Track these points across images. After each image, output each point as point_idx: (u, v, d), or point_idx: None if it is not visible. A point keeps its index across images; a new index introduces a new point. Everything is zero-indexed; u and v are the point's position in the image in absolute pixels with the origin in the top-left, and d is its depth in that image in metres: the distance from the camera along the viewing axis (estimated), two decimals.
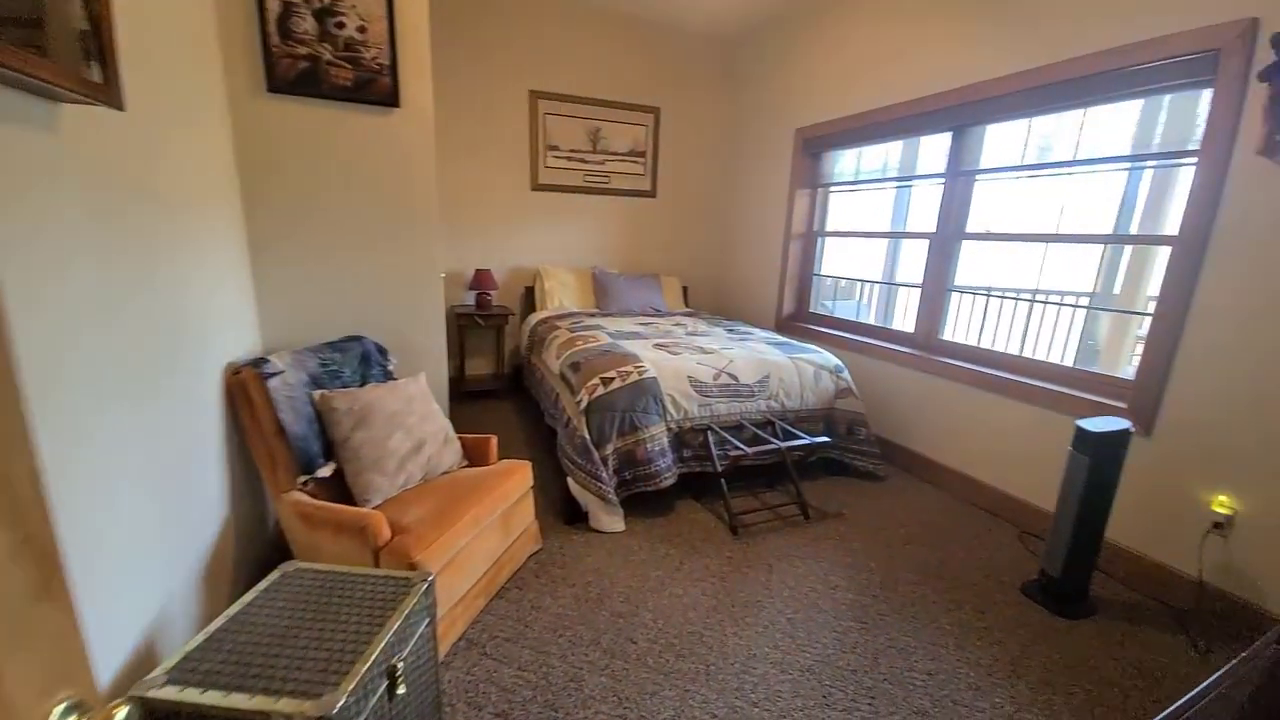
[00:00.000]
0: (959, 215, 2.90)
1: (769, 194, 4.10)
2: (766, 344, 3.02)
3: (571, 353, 2.79)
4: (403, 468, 1.84)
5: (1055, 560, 1.94)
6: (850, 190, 3.69)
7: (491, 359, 4.24)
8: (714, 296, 4.86)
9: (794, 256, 3.93)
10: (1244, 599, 1.82)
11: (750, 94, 4.27)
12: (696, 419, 2.53)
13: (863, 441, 2.85)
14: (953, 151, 2.88)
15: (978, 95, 2.61)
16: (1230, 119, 1.80)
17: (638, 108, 4.25)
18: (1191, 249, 1.92)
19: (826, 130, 3.52)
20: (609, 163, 4.28)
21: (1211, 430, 1.89)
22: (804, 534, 2.36)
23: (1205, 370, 1.90)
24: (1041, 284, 3.14)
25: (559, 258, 4.29)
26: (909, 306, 4.40)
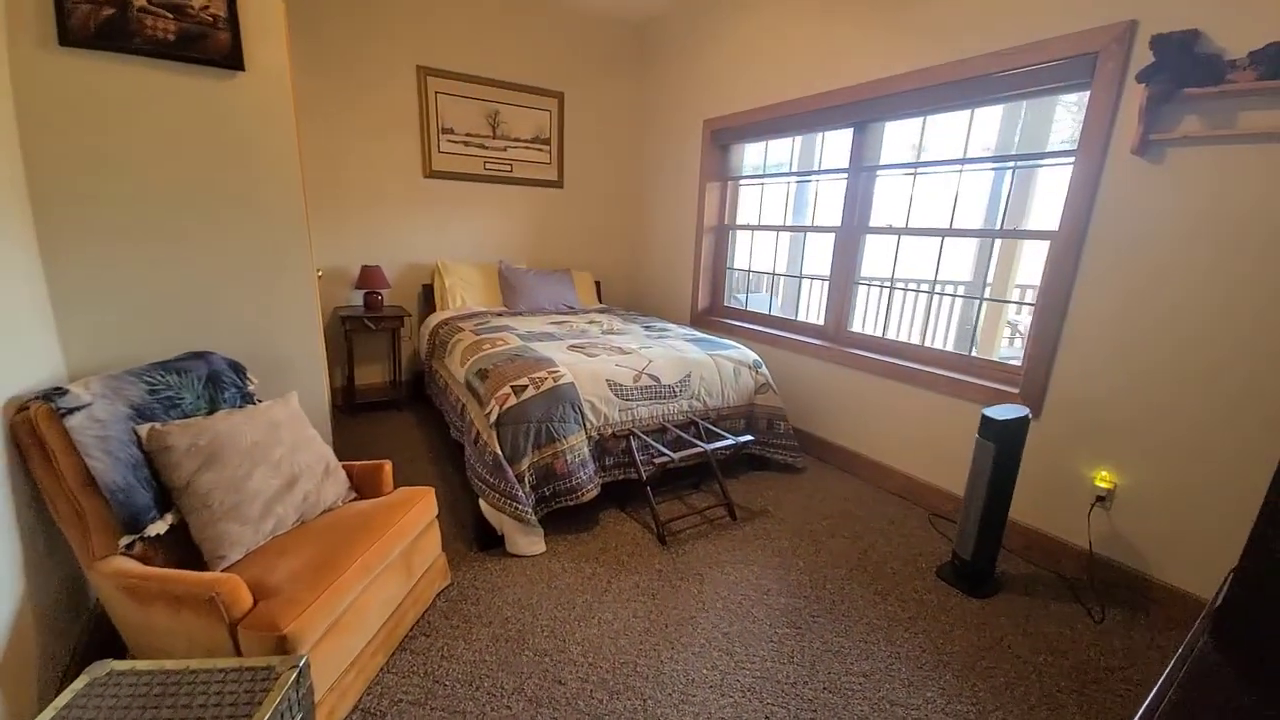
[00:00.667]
0: (862, 209, 2.97)
1: (680, 186, 4.02)
2: (686, 341, 2.93)
3: (478, 358, 2.52)
4: (270, 511, 1.52)
5: (966, 543, 2.01)
6: (758, 183, 3.70)
7: (386, 366, 3.82)
8: (628, 292, 4.73)
9: (707, 250, 3.89)
10: (1129, 566, 1.99)
11: (658, 82, 4.16)
12: (618, 425, 2.38)
13: (782, 435, 2.86)
14: (854, 147, 2.94)
15: (876, 93, 2.67)
16: (1106, 120, 1.92)
17: (540, 91, 3.99)
18: (1070, 243, 2.05)
19: (734, 122, 3.49)
20: (511, 149, 3.98)
21: (1092, 411, 2.04)
22: (732, 536, 2.30)
23: (1085, 356, 2.05)
24: (936, 276, 3.32)
25: (460, 252, 3.94)
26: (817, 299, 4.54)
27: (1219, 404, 1.75)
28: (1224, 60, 1.58)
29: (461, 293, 3.69)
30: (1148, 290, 1.88)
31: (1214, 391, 1.76)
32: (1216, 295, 1.73)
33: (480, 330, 2.98)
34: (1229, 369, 1.72)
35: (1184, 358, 1.81)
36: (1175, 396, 1.84)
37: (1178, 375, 1.83)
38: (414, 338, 3.84)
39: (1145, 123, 1.77)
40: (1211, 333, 1.75)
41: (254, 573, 1.36)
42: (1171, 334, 1.83)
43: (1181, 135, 1.73)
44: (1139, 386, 1.92)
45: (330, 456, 1.77)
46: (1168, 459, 1.88)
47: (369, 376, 3.78)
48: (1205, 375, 1.77)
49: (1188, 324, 1.80)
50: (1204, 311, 1.76)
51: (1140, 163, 1.85)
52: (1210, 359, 1.76)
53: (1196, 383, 1.79)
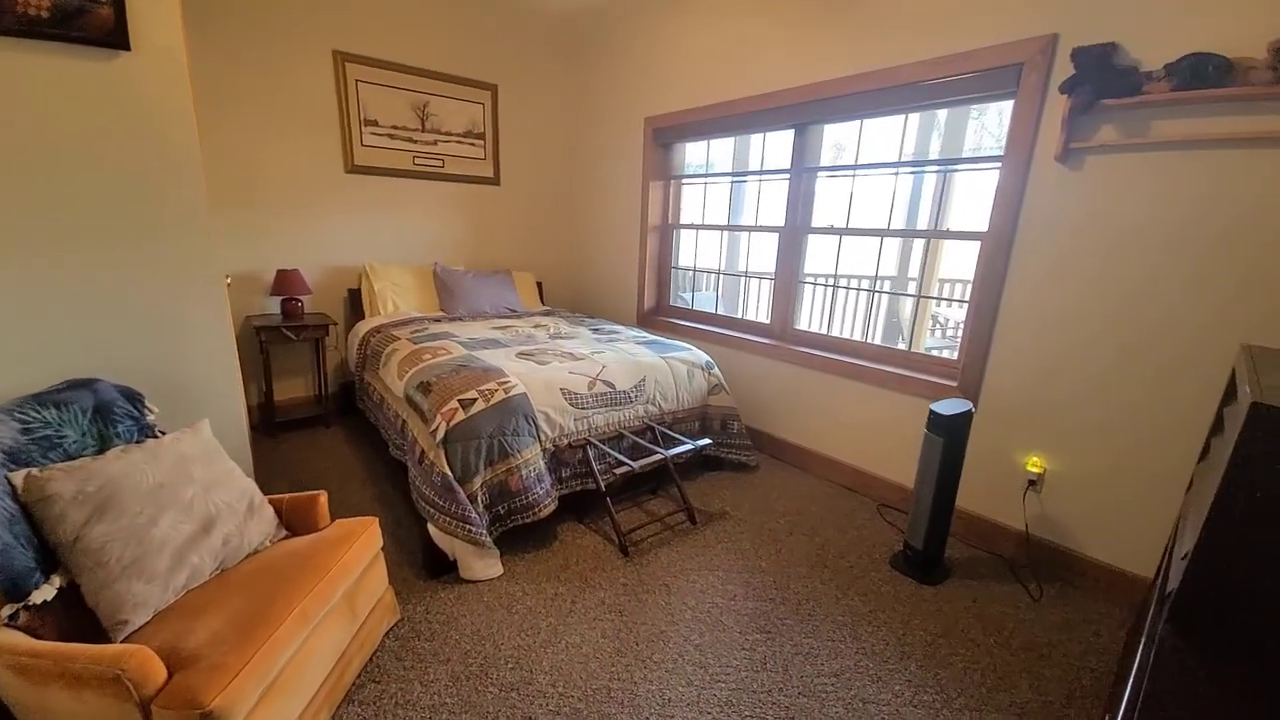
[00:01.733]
0: (805, 209, 3.03)
1: (623, 184, 3.95)
2: (637, 344, 2.87)
3: (418, 370, 2.34)
4: (182, 562, 1.31)
5: (917, 533, 2.09)
6: (701, 183, 3.69)
7: (310, 379, 3.50)
8: (572, 293, 4.61)
9: (652, 249, 3.85)
10: (1060, 544, 2.13)
11: (598, 78, 4.06)
12: (574, 435, 2.29)
13: (736, 435, 2.87)
14: (796, 148, 2.98)
15: (816, 95, 2.71)
16: (1031, 127, 2.04)
17: (472, 84, 3.78)
18: (1000, 244, 2.17)
19: (676, 121, 3.45)
20: (443, 144, 3.75)
21: (1023, 401, 2.17)
22: (695, 541, 2.27)
23: (1015, 351, 2.18)
24: (877, 273, 3.45)
25: (390, 254, 3.67)
26: (757, 297, 4.62)
27: (1134, 392, 1.90)
28: (1140, 72, 1.71)
29: (393, 297, 3.45)
30: (1070, 288, 2.01)
31: (1130, 381, 1.91)
32: (1132, 292, 1.88)
33: (418, 338, 2.78)
34: (1143, 360, 1.88)
35: (1102, 351, 1.96)
36: (1095, 386, 1.99)
37: (1097, 367, 1.98)
38: (341, 347, 3.54)
39: (1067, 131, 1.89)
40: (1127, 326, 1.90)
41: (166, 638, 1.17)
42: (1090, 328, 1.98)
43: (1100, 143, 1.86)
44: (1063, 377, 2.06)
45: (254, 491, 1.57)
46: (1089, 444, 2.03)
47: (290, 391, 3.45)
48: (1121, 366, 1.92)
49: (1105, 318, 1.94)
50: (1120, 307, 1.90)
51: (1062, 169, 1.97)
52: (1125, 350, 1.91)
53: (1114, 373, 1.94)
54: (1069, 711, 1.54)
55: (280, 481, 2.61)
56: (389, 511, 2.37)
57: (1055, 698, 1.58)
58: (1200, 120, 1.67)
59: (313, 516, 1.63)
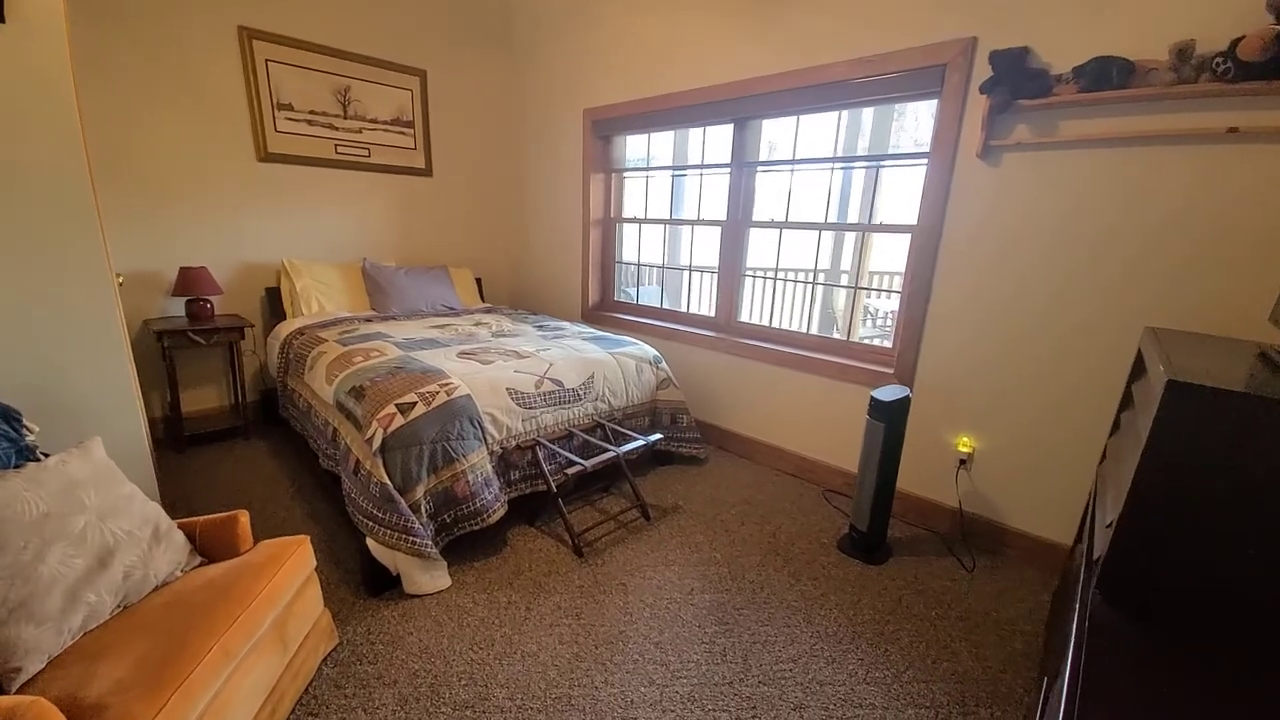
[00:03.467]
0: (746, 203, 3.07)
1: (563, 177, 3.86)
2: (584, 340, 2.81)
3: (350, 374, 2.18)
4: (77, 601, 1.15)
5: (862, 516, 2.17)
6: (643, 176, 3.67)
7: (224, 387, 3.20)
8: (513, 289, 4.47)
9: (595, 243, 3.79)
10: (989, 518, 2.28)
11: (535, 66, 3.93)
12: (522, 436, 2.21)
13: (685, 430, 2.88)
14: (735, 143, 3.01)
15: (753, 91, 2.74)
16: (954, 126, 2.15)
17: (398, 68, 3.57)
18: (929, 237, 2.28)
19: (615, 113, 3.41)
20: (368, 131, 3.52)
21: (954, 384, 2.30)
22: (649, 538, 2.25)
23: (945, 338, 2.30)
24: (815, 266, 3.55)
25: (313, 249, 3.41)
26: (700, 290, 4.67)
27: (1046, 371, 2.06)
28: (1051, 75, 1.83)
29: (318, 296, 3.20)
30: (992, 279, 2.14)
31: (1042, 362, 2.06)
32: (1044, 279, 2.02)
33: (348, 339, 2.60)
34: (1052, 341, 2.03)
35: (1018, 334, 2.10)
36: (1013, 368, 2.13)
37: (1014, 350, 2.12)
38: (260, 351, 3.26)
39: (987, 129, 2.01)
40: (1039, 311, 2.04)
41: (65, 686, 1.02)
42: (1009, 314, 2.11)
43: (1016, 141, 1.98)
44: (987, 361, 2.20)
45: (160, 516, 1.40)
46: (1008, 422, 2.17)
47: (201, 401, 3.14)
48: (1035, 349, 2.07)
49: (1022, 305, 2.08)
50: (1034, 294, 2.05)
51: (983, 166, 2.09)
52: (1038, 334, 2.06)
53: (1029, 355, 2.09)
54: (1005, 675, 1.64)
55: (195, 502, 2.37)
56: (322, 528, 2.21)
57: (993, 663, 1.68)
58: (1106, 120, 1.81)
59: (233, 539, 1.48)
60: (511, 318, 3.40)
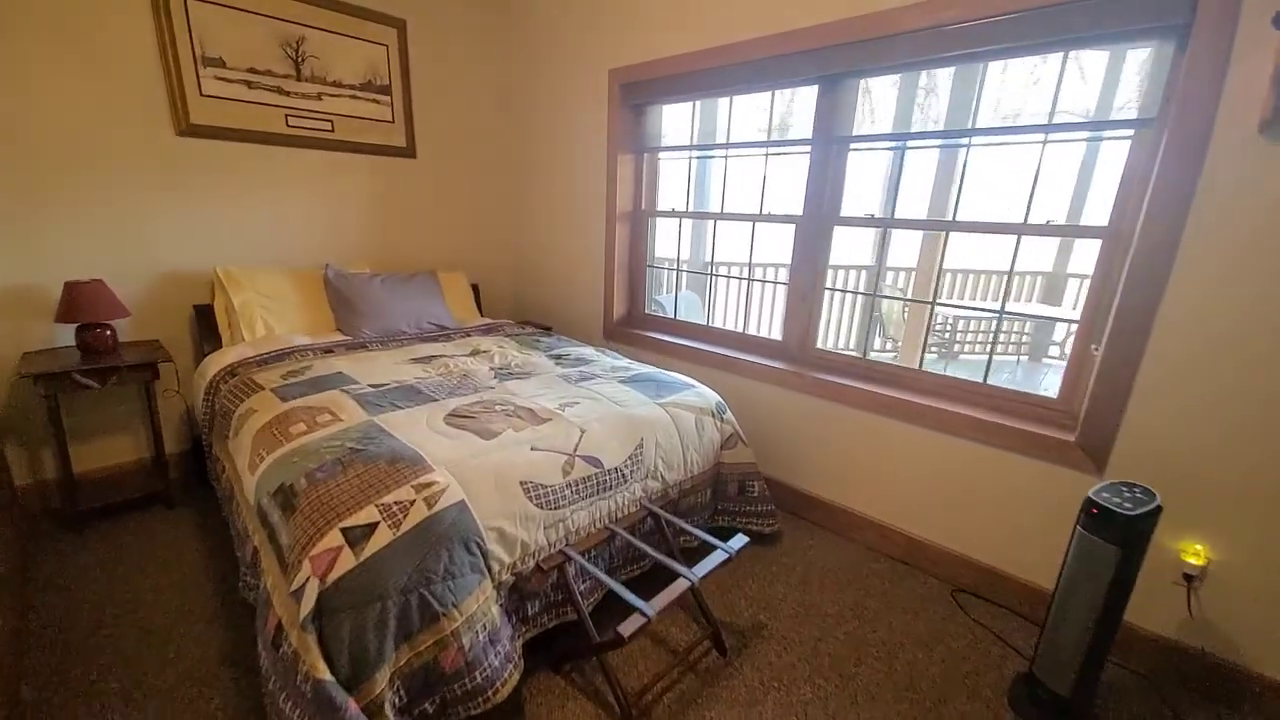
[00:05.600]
0: (834, 193, 2.30)
1: (582, 158, 3.07)
2: (621, 383, 2.06)
3: (280, 459, 1.43)
4: None
5: (1059, 673, 1.44)
6: (685, 157, 2.89)
7: (140, 437, 2.44)
8: (517, 297, 3.69)
9: (621, 242, 3.01)
10: (1224, 659, 1.55)
11: (545, 15, 3.11)
12: (545, 550, 1.47)
13: (756, 500, 2.14)
14: (821, 111, 2.24)
15: (856, 34, 1.96)
16: (1209, 81, 1.38)
17: (367, 14, 2.75)
18: (1156, 248, 1.52)
19: (651, 74, 2.61)
20: (330, 98, 2.72)
21: (1180, 467, 1.56)
22: (731, 689, 1.53)
23: (1170, 394, 1.56)
24: (937, 284, 2.79)
25: (259, 252, 2.63)
26: (733, 301, 3.89)
27: None
28: None
29: (264, 316, 2.43)
30: (1262, 313, 1.40)
31: None
32: None
33: (292, 387, 1.84)
34: None
35: None
36: None
37: None
38: (186, 392, 2.49)
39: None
40: None
41: None
42: None
43: None
44: (1243, 432, 1.46)
45: None
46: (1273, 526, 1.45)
47: (109, 455, 2.38)
48: None
49: None
50: None
51: (1266, 145, 1.33)
52: None
53: None
54: None
55: (75, 619, 1.62)
56: (247, 682, 1.47)
57: None
58: None
59: None
60: (519, 342, 2.64)
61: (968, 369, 5.11)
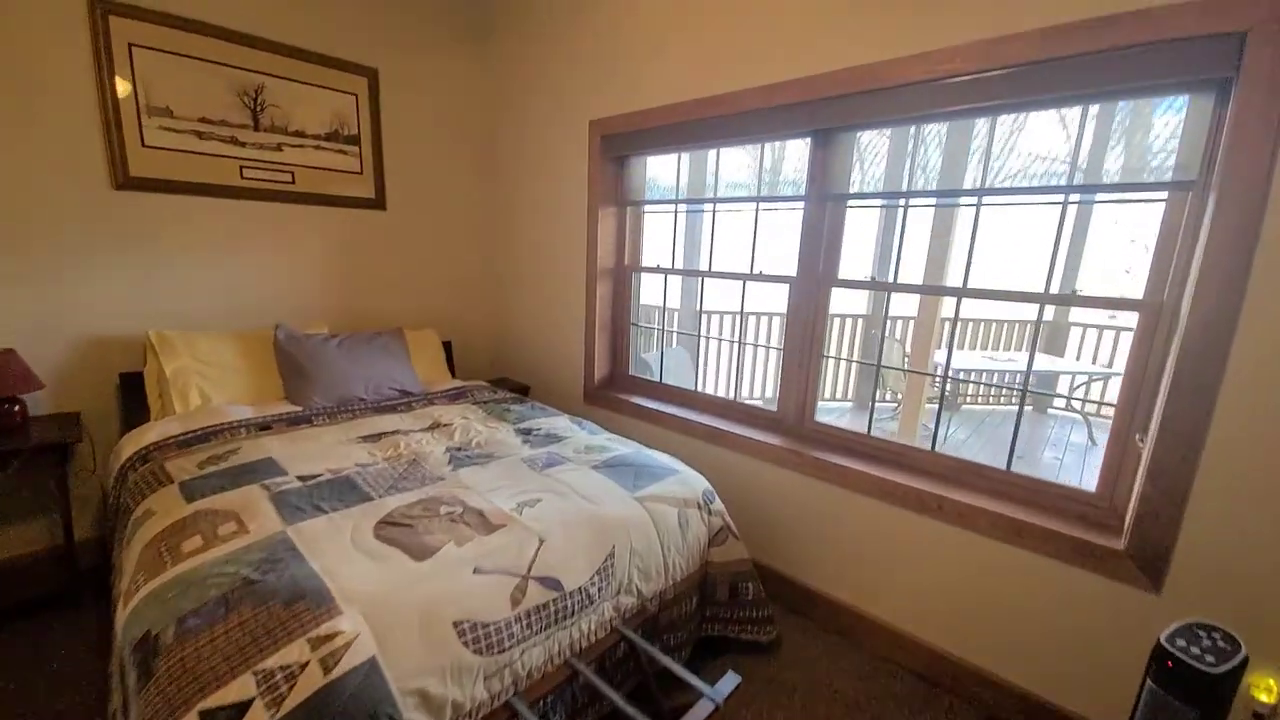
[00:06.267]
0: (830, 251, 2.10)
1: (562, 210, 2.90)
2: (594, 469, 1.79)
3: (155, 592, 1.15)
4: None
5: None
6: (669, 210, 2.71)
7: (48, 526, 2.15)
8: (493, 355, 3.46)
9: (603, 299, 2.80)
10: None
11: (526, 66, 2.99)
12: (485, 705, 1.17)
13: (750, 604, 1.85)
14: (814, 164, 2.06)
15: (855, 85, 1.80)
16: (1260, 140, 1.20)
17: (337, 63, 2.62)
18: (1213, 325, 1.30)
19: (635, 125, 2.46)
20: (292, 149, 2.55)
21: (1248, 585, 1.30)
22: None
23: (1237, 499, 1.31)
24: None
25: (201, 314, 2.40)
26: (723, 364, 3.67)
27: None
28: None
29: (200, 385, 2.18)
30: None
31: None
32: None
33: (206, 480, 1.57)
34: None
35: None
36: None
37: None
38: (104, 472, 2.21)
39: None
40: None
41: None
42: None
43: None
44: None
45: None
46: None
47: (13, 545, 2.09)
48: None
49: None
50: None
51: None
52: None
53: None
54: None
55: None
56: None
57: None
58: None
59: None
60: (487, 410, 2.38)
61: (971, 421, 4.87)
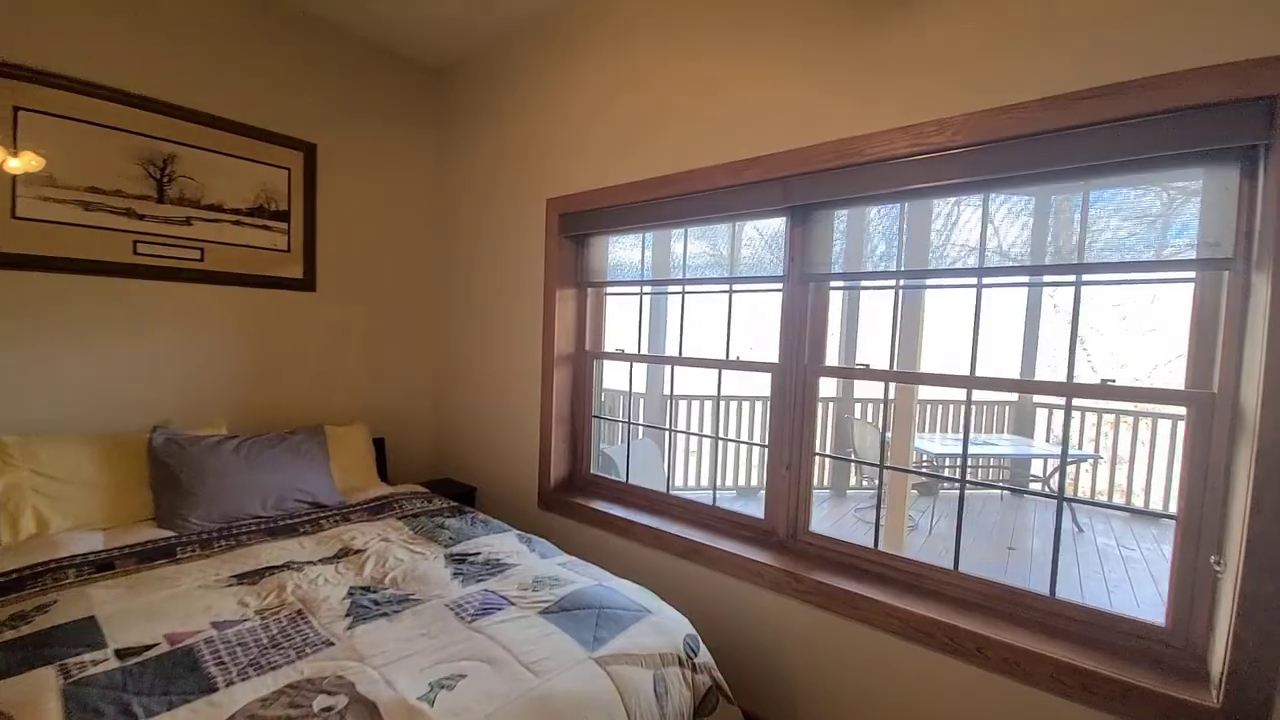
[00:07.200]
0: (815, 336, 1.88)
1: (515, 292, 2.64)
2: (546, 617, 1.38)
3: None
4: None
5: None
6: (635, 292, 2.49)
7: None
8: (437, 451, 3.04)
9: (561, 388, 2.49)
10: None
11: (477, 144, 2.84)
12: None
13: None
14: (791, 243, 1.89)
15: (835, 160, 1.66)
16: None
17: (271, 136, 2.39)
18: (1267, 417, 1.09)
19: (594, 203, 2.28)
20: (205, 224, 2.24)
21: None
22: None
23: None
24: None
25: (68, 413, 1.95)
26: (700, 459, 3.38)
27: None
28: None
29: (37, 506, 1.69)
30: None
31: None
32: None
33: None
34: None
35: None
36: None
37: None
38: None
39: None
40: None
41: None
42: None
43: None
44: None
45: None
46: None
47: None
48: None
49: None
50: None
51: None
52: None
53: None
54: None
55: None
56: None
57: None
58: None
59: None
60: (415, 528, 1.95)
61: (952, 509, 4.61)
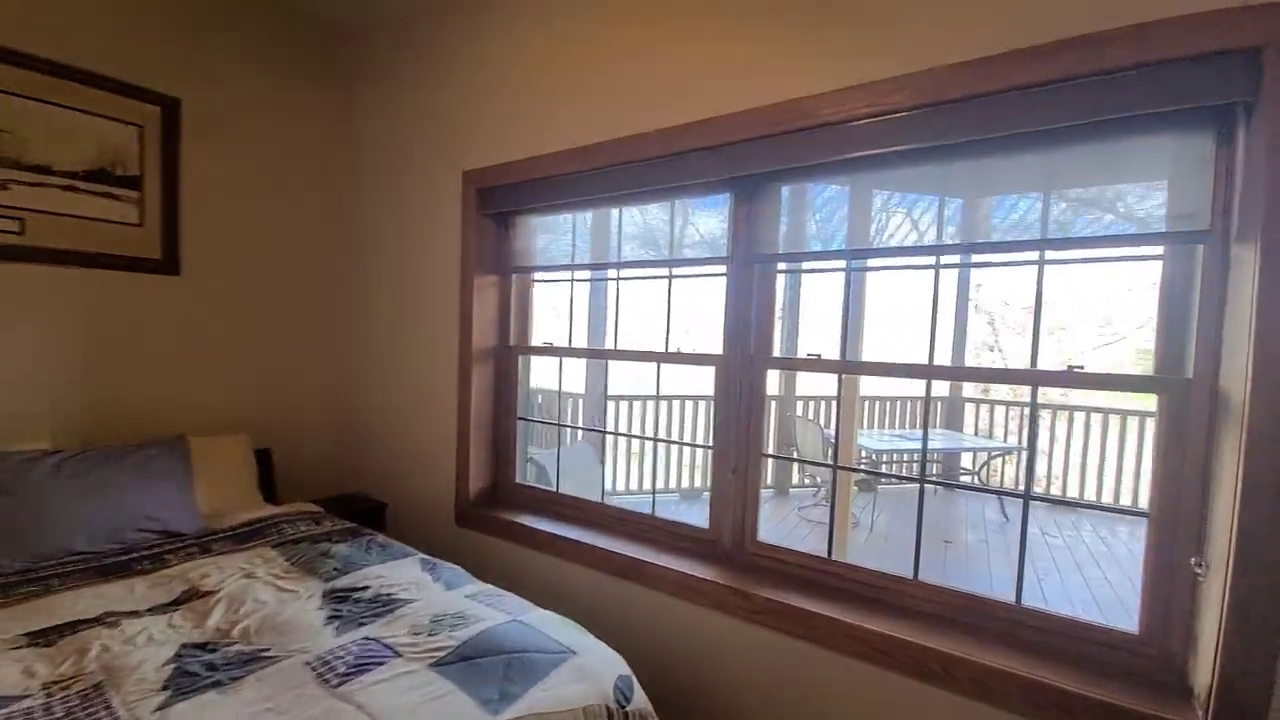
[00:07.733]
0: (760, 325, 1.69)
1: (430, 279, 2.32)
2: (437, 670, 1.11)
3: None
4: None
5: None
6: (566, 279, 2.23)
7: None
8: (339, 462, 2.65)
9: (482, 388, 2.19)
10: None
11: (382, 107, 2.49)
12: None
13: None
14: (737, 222, 1.70)
15: (784, 125, 1.48)
16: None
17: (115, 85, 1.96)
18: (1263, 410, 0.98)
19: (518, 175, 2.01)
20: (25, 187, 1.80)
21: None
22: None
23: None
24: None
25: None
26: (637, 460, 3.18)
27: None
28: None
29: None
30: None
31: None
32: None
33: None
34: None
35: None
36: None
37: None
38: None
39: None
40: None
41: None
42: None
43: None
44: None
45: None
46: None
47: None
48: None
49: None
50: None
51: None
52: None
53: None
54: None
55: None
56: None
57: None
58: None
59: None
60: (292, 558, 1.61)
61: (890, 504, 4.64)
